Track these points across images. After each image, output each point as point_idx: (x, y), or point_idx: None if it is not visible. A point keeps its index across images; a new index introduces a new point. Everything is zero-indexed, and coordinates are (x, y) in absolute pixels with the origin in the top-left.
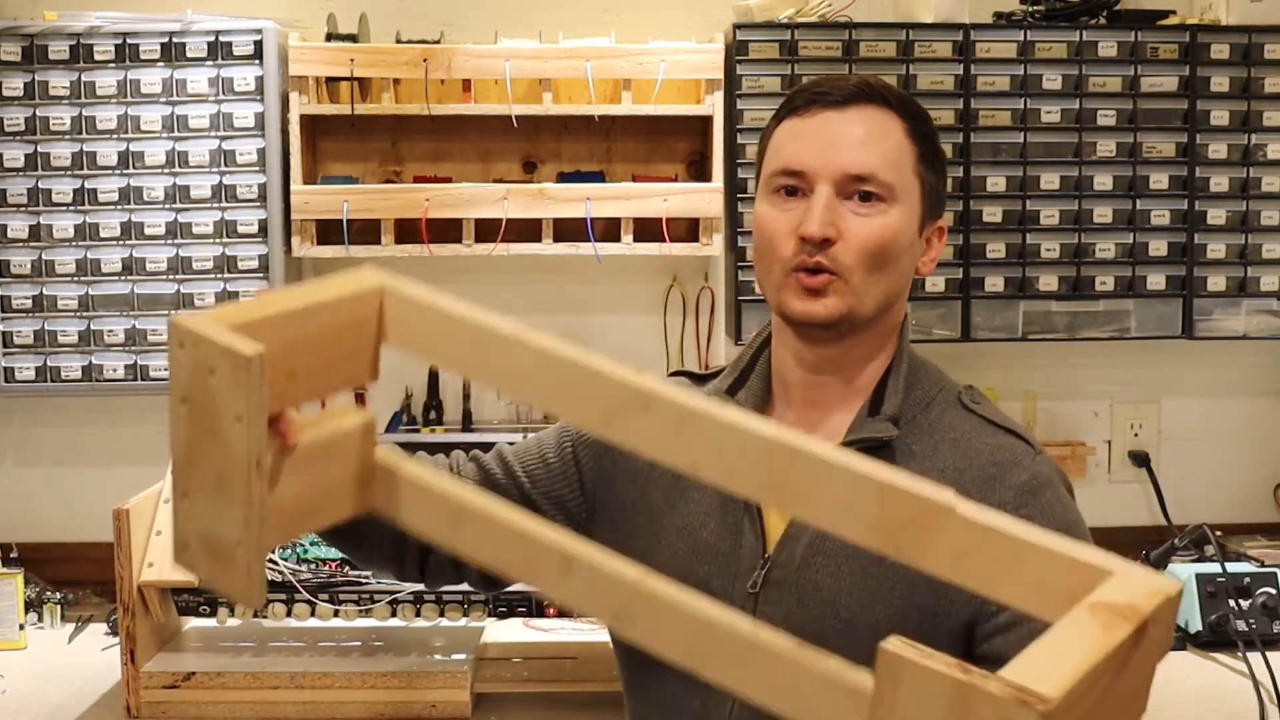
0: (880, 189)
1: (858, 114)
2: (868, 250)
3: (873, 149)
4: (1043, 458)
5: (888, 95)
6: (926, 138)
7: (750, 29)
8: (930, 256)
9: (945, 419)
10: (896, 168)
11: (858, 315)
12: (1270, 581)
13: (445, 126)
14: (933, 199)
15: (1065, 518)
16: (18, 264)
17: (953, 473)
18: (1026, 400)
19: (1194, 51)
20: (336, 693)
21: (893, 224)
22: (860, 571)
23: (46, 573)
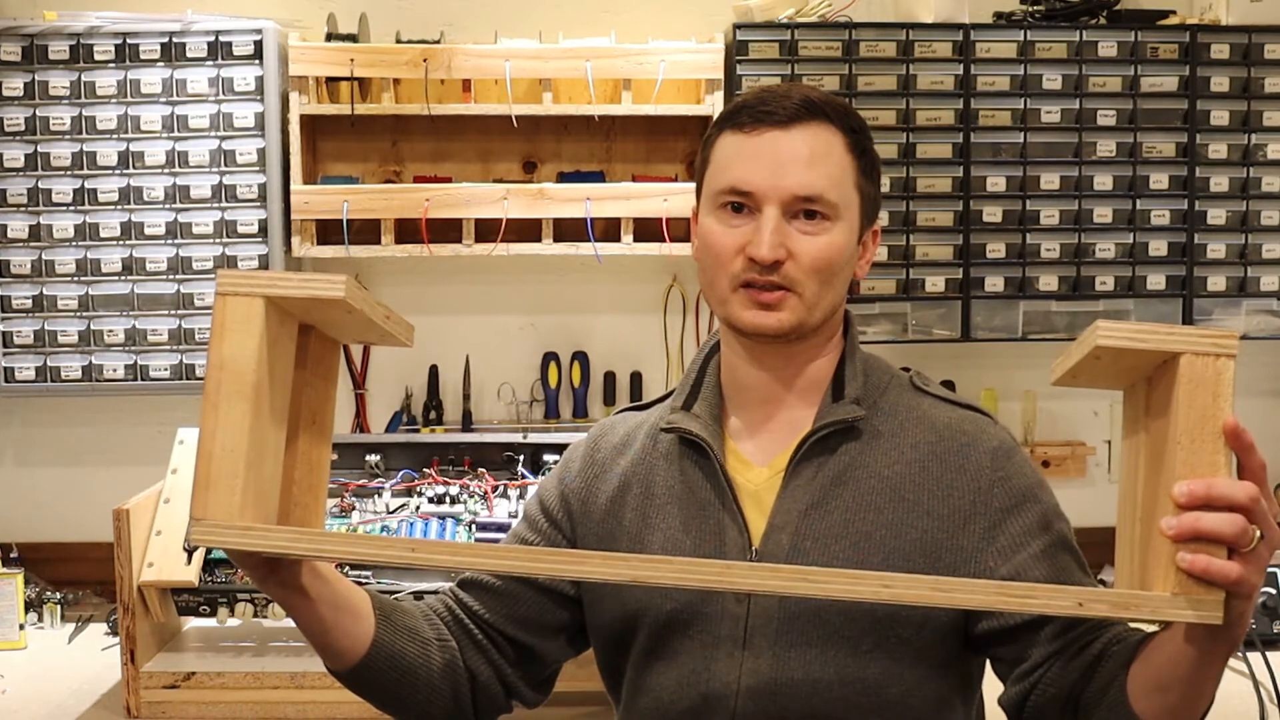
0: (825, 209)
1: (802, 133)
2: (816, 267)
3: (818, 170)
4: (1001, 426)
5: (829, 111)
6: (865, 150)
7: (750, 29)
8: (865, 259)
9: (904, 401)
10: (839, 186)
11: (807, 325)
12: (1270, 581)
13: (445, 126)
14: (870, 208)
15: (1035, 476)
16: (18, 264)
17: (925, 446)
18: (1026, 400)
19: (1194, 51)
20: (336, 693)
21: (838, 240)
22: (852, 547)
23: (46, 573)
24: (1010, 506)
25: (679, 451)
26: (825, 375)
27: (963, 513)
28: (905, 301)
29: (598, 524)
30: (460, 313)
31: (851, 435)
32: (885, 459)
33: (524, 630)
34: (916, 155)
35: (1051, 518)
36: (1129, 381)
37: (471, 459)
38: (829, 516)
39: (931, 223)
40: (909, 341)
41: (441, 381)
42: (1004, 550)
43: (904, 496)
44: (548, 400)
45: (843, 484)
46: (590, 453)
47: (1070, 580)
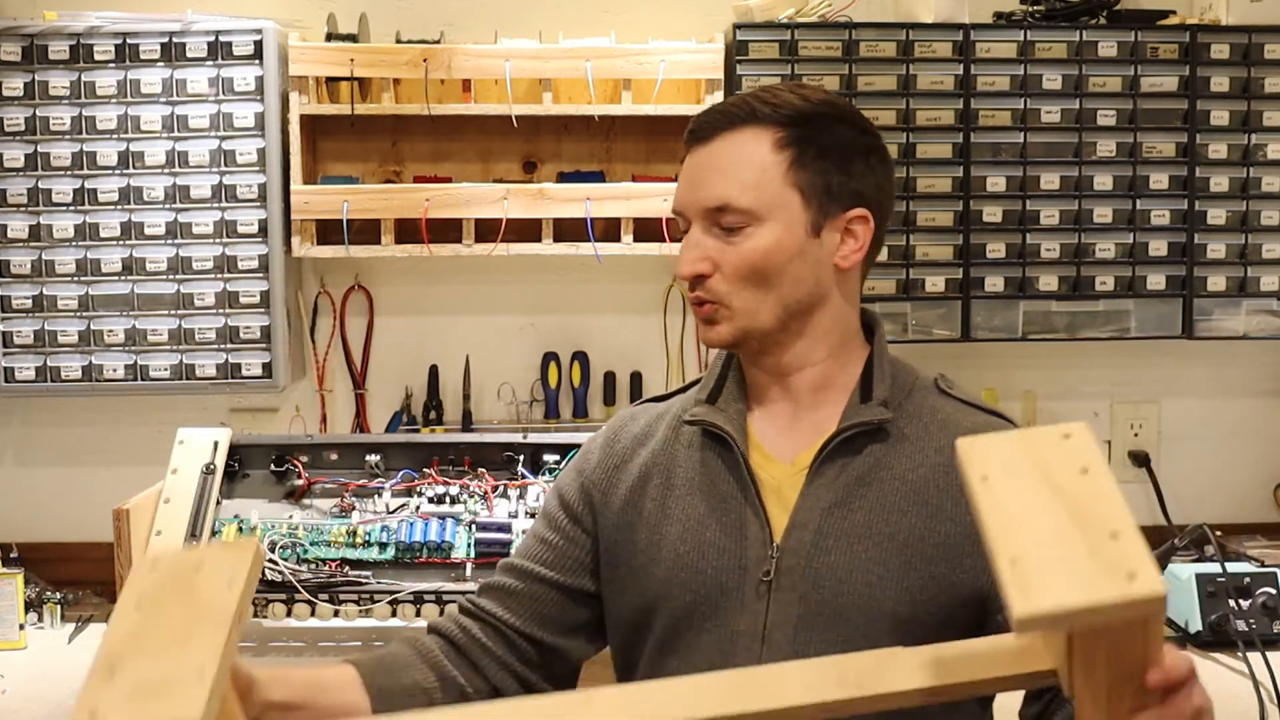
0: (739, 217)
1: (721, 145)
2: (740, 275)
3: (729, 179)
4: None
5: (758, 109)
6: (805, 140)
7: (750, 29)
8: (852, 248)
9: (928, 403)
10: (756, 189)
11: (754, 332)
12: (1270, 581)
13: (445, 126)
14: (824, 197)
15: None
16: (18, 264)
17: (949, 451)
18: (1026, 400)
19: (1194, 51)
20: None
21: (761, 244)
22: (875, 548)
23: (46, 573)
24: None
25: (701, 443)
26: (844, 376)
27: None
28: (905, 301)
29: (617, 514)
30: (460, 313)
31: (877, 437)
32: (909, 462)
33: (548, 630)
34: (916, 155)
35: None
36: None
37: (471, 459)
38: (852, 516)
39: (931, 223)
40: (909, 341)
41: (441, 381)
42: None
43: (927, 500)
44: (548, 400)
45: (866, 484)
46: (609, 443)
47: None
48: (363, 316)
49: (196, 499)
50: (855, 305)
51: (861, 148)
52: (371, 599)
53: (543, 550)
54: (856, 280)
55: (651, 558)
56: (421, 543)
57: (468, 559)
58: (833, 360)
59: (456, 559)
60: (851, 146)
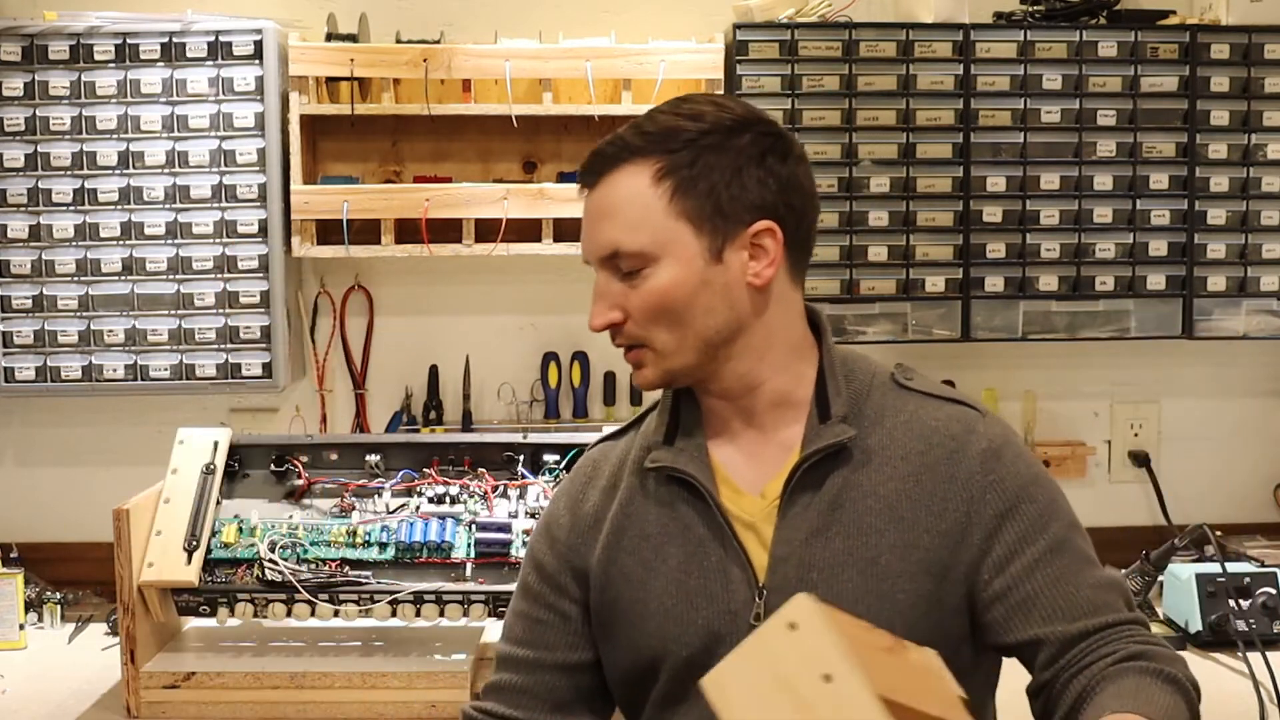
0: (631, 261)
1: (605, 188)
2: (649, 318)
3: (615, 224)
4: (991, 418)
5: (632, 144)
6: (685, 164)
7: (750, 29)
8: (763, 263)
9: (889, 403)
10: (640, 228)
11: (680, 370)
12: (1270, 581)
13: (445, 126)
14: (717, 220)
15: (1029, 470)
16: (18, 264)
17: (916, 456)
18: (1026, 400)
19: (1194, 51)
20: (336, 693)
21: (660, 283)
22: (859, 575)
23: (46, 573)
24: (1004, 511)
25: (668, 488)
26: (801, 389)
27: (960, 526)
28: (905, 301)
29: (599, 576)
30: (460, 313)
31: (843, 457)
32: (879, 475)
33: (565, 714)
34: (916, 155)
35: (1048, 517)
36: None
37: (471, 459)
38: (831, 544)
39: (931, 223)
40: (909, 341)
41: (441, 381)
42: (998, 563)
43: (902, 515)
44: (548, 400)
45: (840, 507)
46: (575, 505)
47: (1067, 586)
48: (363, 316)
49: (196, 499)
50: (793, 313)
51: (754, 153)
52: (371, 599)
53: (537, 633)
54: (786, 288)
55: (640, 615)
56: (421, 543)
57: (468, 559)
58: (784, 374)
59: (456, 559)
60: (741, 156)
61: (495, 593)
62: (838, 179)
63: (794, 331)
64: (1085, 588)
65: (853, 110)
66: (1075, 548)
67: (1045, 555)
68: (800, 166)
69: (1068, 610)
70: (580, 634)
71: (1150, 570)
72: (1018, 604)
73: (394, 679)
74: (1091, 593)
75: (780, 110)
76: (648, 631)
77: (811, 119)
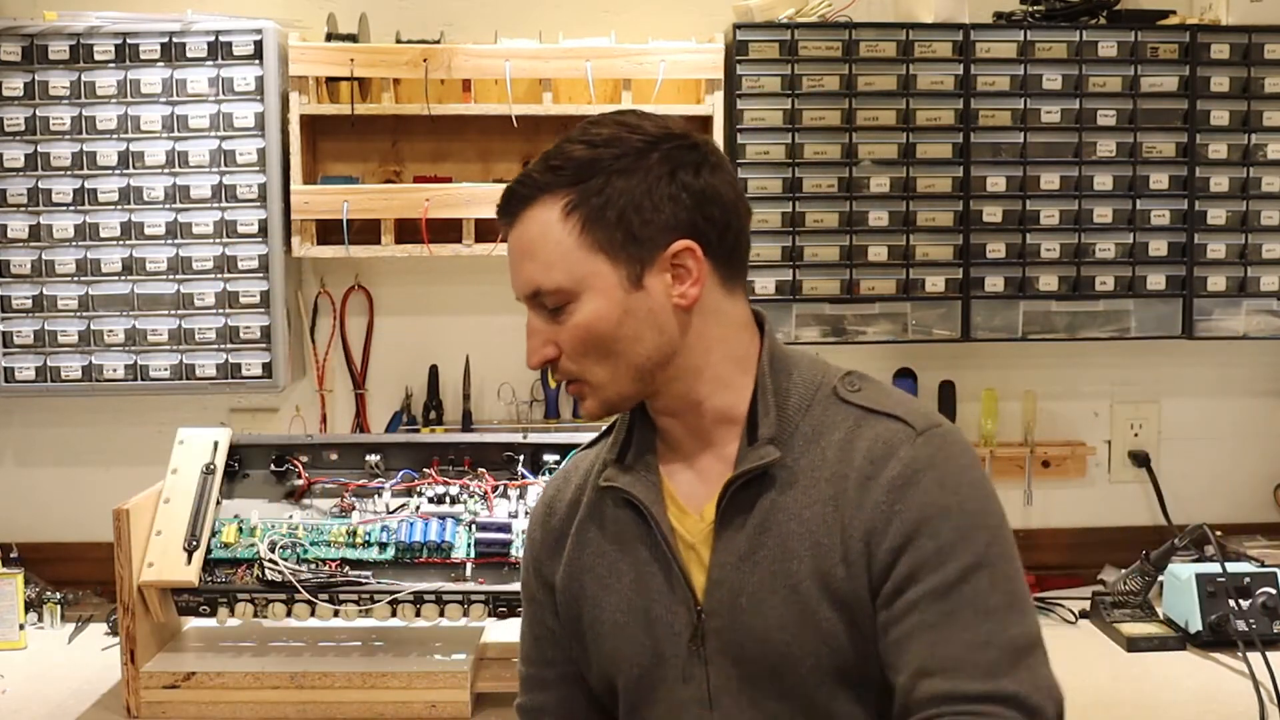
0: (553, 299)
1: (521, 227)
2: (579, 351)
3: (533, 263)
4: (924, 437)
5: (539, 180)
6: (592, 194)
7: (750, 29)
8: (687, 284)
9: (828, 417)
10: (555, 266)
11: (619, 399)
12: (1270, 581)
13: (445, 126)
14: (632, 247)
15: (943, 503)
16: (18, 264)
17: (839, 480)
18: (1026, 400)
19: (1194, 51)
20: (336, 693)
21: (584, 318)
22: (782, 604)
23: (46, 573)
24: (900, 545)
25: (621, 507)
26: (741, 406)
27: (862, 556)
28: (905, 301)
29: (564, 591)
30: (460, 313)
31: (771, 479)
32: (805, 499)
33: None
34: (916, 155)
35: (946, 555)
36: None
37: (471, 459)
38: (759, 569)
39: (931, 223)
40: (909, 341)
41: (441, 381)
42: (886, 597)
43: (819, 541)
44: (548, 400)
45: (767, 531)
46: (546, 519)
47: (938, 635)
48: (363, 316)
49: (196, 499)
50: (731, 325)
51: (663, 172)
52: (371, 599)
53: (539, 649)
54: (719, 302)
55: (599, 632)
56: (421, 543)
57: (468, 559)
58: (727, 390)
59: (456, 559)
60: (650, 177)
61: (495, 593)
62: (838, 179)
63: (735, 344)
64: (957, 643)
65: (853, 110)
66: (970, 594)
67: (928, 597)
68: (717, 175)
69: (927, 664)
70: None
71: (1150, 570)
72: (892, 644)
73: (394, 679)
74: (963, 650)
75: (780, 110)
76: (604, 650)
77: (811, 119)
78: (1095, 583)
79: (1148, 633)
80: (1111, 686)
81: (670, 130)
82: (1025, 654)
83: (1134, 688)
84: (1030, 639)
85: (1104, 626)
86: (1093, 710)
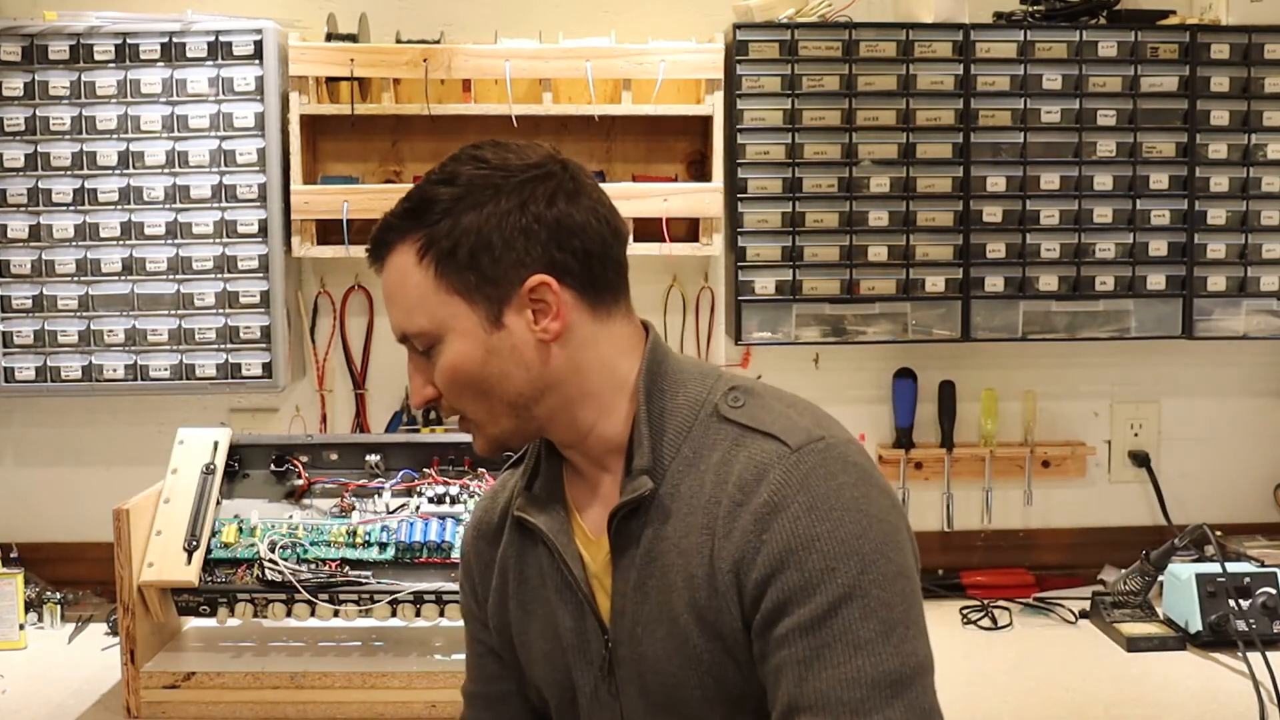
0: (421, 341)
1: (386, 272)
2: (452, 391)
3: (397, 308)
4: (798, 456)
5: (395, 224)
6: (441, 237)
7: (750, 29)
8: (548, 319)
9: (708, 438)
10: (416, 310)
11: (503, 436)
12: (1270, 581)
13: (445, 126)
14: (487, 288)
15: (812, 531)
16: (18, 264)
17: (713, 506)
18: (1026, 400)
19: (1194, 51)
20: (336, 693)
21: (449, 359)
22: (666, 636)
23: (46, 573)
24: (766, 577)
25: (533, 536)
26: (624, 438)
27: (732, 587)
28: (905, 301)
29: (494, 617)
30: None
31: (651, 509)
32: (683, 528)
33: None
34: (916, 155)
35: (814, 587)
36: None
37: (471, 459)
38: (648, 600)
39: (931, 223)
40: (909, 341)
41: None
42: (757, 630)
43: (693, 574)
44: None
45: (653, 561)
46: (476, 541)
47: (805, 671)
48: (363, 316)
49: (196, 499)
50: (608, 351)
51: (513, 205)
52: (371, 599)
53: (480, 665)
54: (591, 331)
55: (527, 658)
56: (421, 543)
57: None
58: (611, 418)
59: (456, 559)
60: (498, 212)
61: None
62: (838, 179)
63: (614, 371)
64: (825, 679)
65: (853, 110)
66: (839, 627)
67: (796, 631)
68: (574, 203)
69: (796, 700)
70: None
71: (1150, 570)
72: (768, 676)
73: (394, 679)
74: (831, 687)
75: (780, 110)
76: (534, 676)
77: (811, 119)
78: (1095, 583)
79: (1148, 633)
80: (1111, 686)
81: (528, 161)
82: (902, 686)
83: (1134, 688)
84: (907, 669)
85: (1104, 626)
86: (1093, 710)
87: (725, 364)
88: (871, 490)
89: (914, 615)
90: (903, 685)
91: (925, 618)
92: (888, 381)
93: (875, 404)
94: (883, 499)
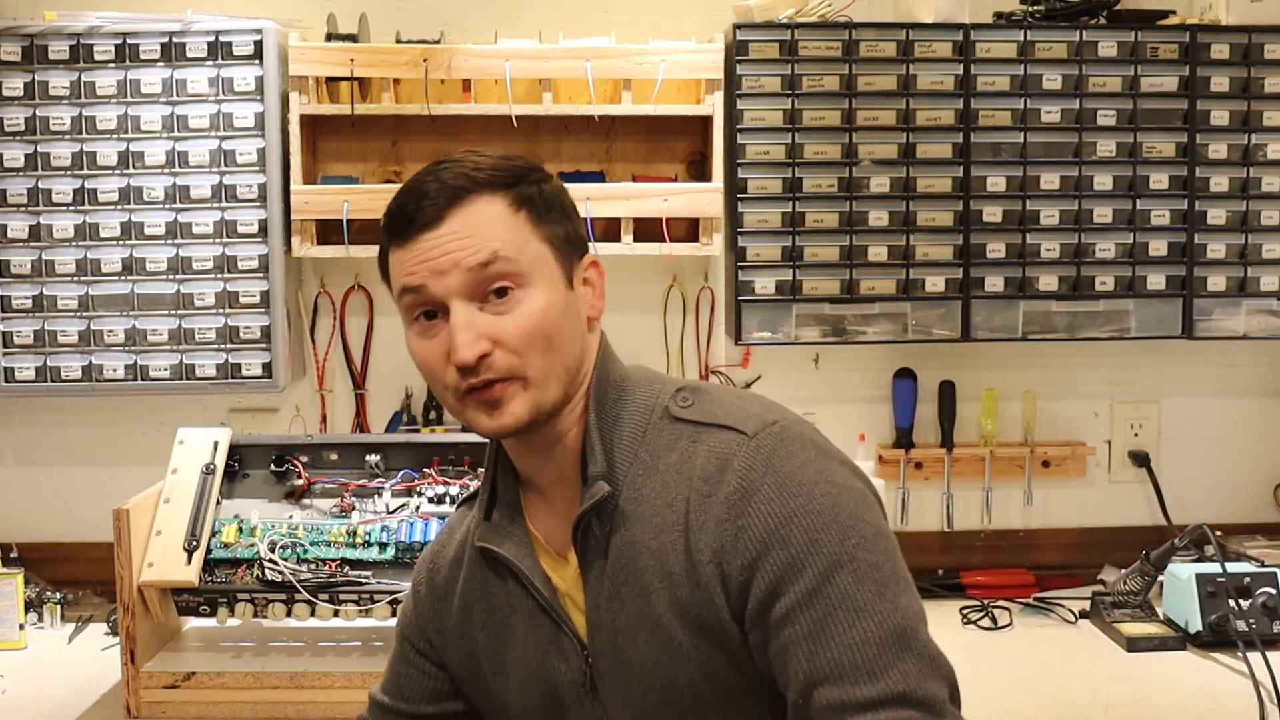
0: (509, 278)
1: (455, 220)
2: (524, 343)
3: (487, 238)
4: (756, 441)
5: (476, 177)
6: (530, 198)
7: (750, 29)
8: (595, 296)
9: (663, 440)
10: (515, 245)
11: (544, 406)
12: (1270, 581)
13: (445, 126)
14: (565, 249)
15: (787, 508)
16: (18, 264)
17: (680, 503)
18: (1026, 400)
19: (1194, 51)
20: (336, 693)
21: (538, 304)
22: (649, 640)
23: (46, 573)
24: (752, 561)
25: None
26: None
27: (715, 579)
28: (905, 301)
29: (455, 648)
30: None
31: (615, 515)
32: (650, 529)
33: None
34: (916, 155)
35: (803, 561)
36: None
37: (471, 459)
38: (625, 607)
39: (931, 223)
40: (909, 341)
41: None
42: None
43: (670, 571)
44: None
45: (624, 567)
46: (432, 575)
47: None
48: (363, 316)
49: (196, 499)
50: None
51: (566, 197)
52: (371, 599)
53: (400, 684)
54: (599, 331)
55: (501, 686)
56: (421, 543)
57: None
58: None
59: None
60: (561, 195)
61: None
62: (838, 179)
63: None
64: (836, 646)
65: (853, 110)
66: (837, 595)
67: (796, 608)
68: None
69: (813, 674)
70: (444, 691)
71: (1150, 570)
72: (775, 660)
73: None
74: (844, 653)
75: (780, 110)
76: (511, 704)
77: (811, 119)
78: (1095, 583)
79: (1148, 633)
80: (1111, 686)
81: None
82: (908, 639)
83: (1134, 688)
84: (908, 621)
85: (1104, 626)
86: (1093, 710)
87: (725, 364)
88: (831, 463)
89: (900, 570)
90: (908, 637)
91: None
92: (888, 381)
93: (875, 404)
94: (843, 469)
